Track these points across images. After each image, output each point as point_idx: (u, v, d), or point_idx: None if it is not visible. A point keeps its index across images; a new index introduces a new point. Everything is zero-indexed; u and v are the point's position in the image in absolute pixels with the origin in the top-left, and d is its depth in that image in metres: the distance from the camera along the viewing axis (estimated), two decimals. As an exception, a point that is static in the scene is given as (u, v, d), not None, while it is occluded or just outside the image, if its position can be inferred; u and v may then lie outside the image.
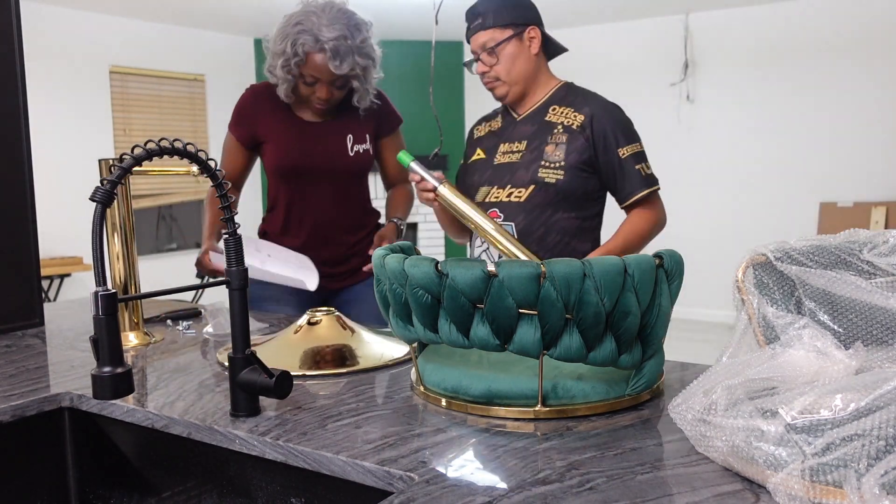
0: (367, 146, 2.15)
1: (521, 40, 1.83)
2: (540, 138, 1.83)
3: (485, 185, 1.89)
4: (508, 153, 1.87)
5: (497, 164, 1.88)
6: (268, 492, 1.01)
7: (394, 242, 1.45)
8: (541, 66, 1.88)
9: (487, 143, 1.95)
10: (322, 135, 2.11)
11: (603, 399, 1.03)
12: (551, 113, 1.85)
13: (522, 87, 1.86)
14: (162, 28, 6.17)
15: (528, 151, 1.83)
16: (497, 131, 1.95)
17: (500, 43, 1.80)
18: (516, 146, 1.87)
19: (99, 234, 0.88)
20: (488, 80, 1.86)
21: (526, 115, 1.89)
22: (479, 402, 1.05)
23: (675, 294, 1.03)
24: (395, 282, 1.04)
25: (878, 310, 0.90)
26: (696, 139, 6.47)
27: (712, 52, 6.37)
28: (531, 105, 1.90)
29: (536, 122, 1.86)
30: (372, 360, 1.32)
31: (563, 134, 1.81)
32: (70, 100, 5.63)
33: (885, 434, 0.69)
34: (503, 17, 1.81)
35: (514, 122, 1.90)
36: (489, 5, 1.82)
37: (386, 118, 2.20)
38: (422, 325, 1.04)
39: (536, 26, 1.84)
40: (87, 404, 1.19)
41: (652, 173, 1.85)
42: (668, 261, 1.01)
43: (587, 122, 1.80)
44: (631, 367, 1.02)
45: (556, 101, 1.87)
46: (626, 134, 1.82)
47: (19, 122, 1.73)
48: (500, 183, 1.85)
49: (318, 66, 1.96)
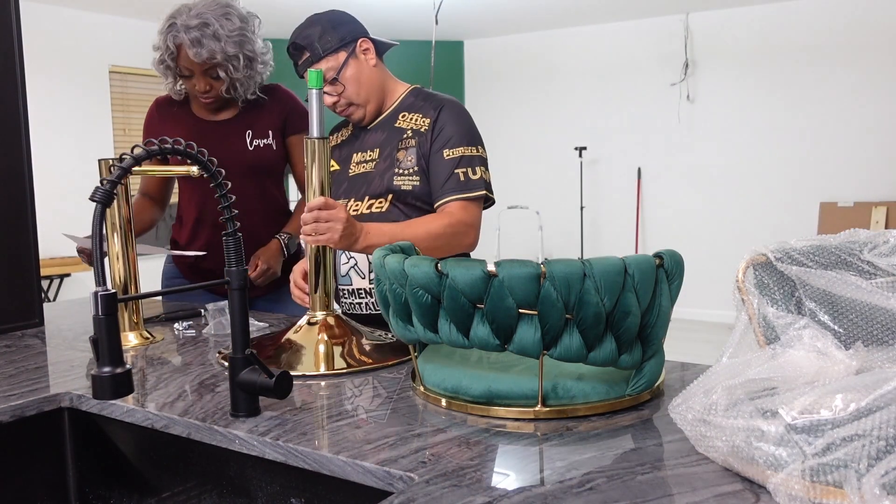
0: (269, 141, 2.11)
1: (356, 58, 1.73)
2: (392, 144, 1.74)
3: (342, 197, 1.78)
4: (362, 163, 1.78)
5: (352, 176, 1.78)
6: (268, 492, 1.01)
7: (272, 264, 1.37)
8: (384, 74, 1.80)
9: (341, 153, 1.85)
10: (223, 134, 2.10)
11: (603, 399, 1.03)
12: (401, 119, 1.77)
13: (375, 104, 1.77)
14: (162, 28, 6.17)
15: (381, 160, 1.75)
16: (348, 140, 1.86)
17: (339, 70, 1.71)
18: (369, 155, 1.77)
19: (99, 234, 0.88)
20: (341, 109, 1.76)
21: (377, 123, 1.80)
22: (480, 402, 1.05)
23: (676, 294, 1.03)
24: (395, 282, 1.04)
25: (878, 310, 0.90)
26: (696, 139, 6.47)
27: (712, 52, 6.37)
28: (381, 113, 1.81)
29: (387, 129, 1.77)
30: (372, 360, 1.32)
31: (412, 139, 1.72)
32: (70, 100, 5.64)
33: (885, 434, 0.69)
34: (330, 44, 1.70)
35: (365, 130, 1.81)
36: (311, 36, 1.71)
37: (294, 115, 2.15)
38: (422, 325, 1.04)
39: (364, 37, 1.75)
40: (87, 404, 1.19)
41: (478, 179, 1.68)
42: (669, 261, 1.01)
43: (432, 123, 1.72)
44: (631, 367, 1.02)
45: (405, 108, 1.78)
46: (462, 135, 1.70)
47: (19, 122, 1.73)
48: (358, 195, 1.75)
49: (185, 56, 1.96)
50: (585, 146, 6.76)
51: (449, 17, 6.20)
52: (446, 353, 1.18)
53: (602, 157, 6.90)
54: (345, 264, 1.74)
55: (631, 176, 6.79)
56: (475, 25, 6.65)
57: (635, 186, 6.77)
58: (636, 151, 6.74)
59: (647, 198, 6.72)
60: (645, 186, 6.75)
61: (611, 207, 6.90)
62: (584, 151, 6.77)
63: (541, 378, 1.01)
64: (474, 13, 6.25)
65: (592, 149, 6.85)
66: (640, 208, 6.73)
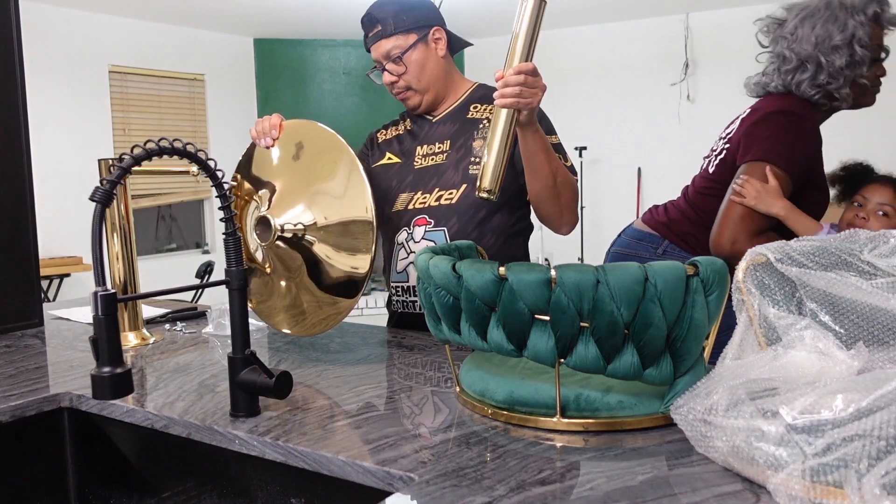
0: None
1: (426, 44, 1.69)
2: (465, 135, 1.70)
3: (405, 191, 1.72)
4: (430, 155, 1.72)
5: (419, 169, 1.72)
6: (268, 492, 1.01)
7: None
8: (450, 68, 1.76)
9: (401, 147, 1.79)
10: None
11: (631, 414, 0.96)
12: (473, 111, 1.73)
13: (434, 94, 1.73)
14: (162, 28, 6.16)
15: (454, 150, 1.70)
16: (408, 134, 1.79)
17: (405, 51, 1.67)
18: (438, 147, 1.72)
19: (98, 234, 0.88)
20: (398, 91, 1.73)
21: (444, 116, 1.75)
22: (502, 407, 1.02)
23: (716, 307, 0.93)
24: (426, 282, 1.04)
25: (879, 311, 0.90)
26: (697, 139, 6.47)
27: (712, 52, 6.37)
28: (448, 106, 1.76)
29: (458, 121, 1.73)
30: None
31: (488, 128, 1.65)
32: (70, 100, 5.63)
33: (885, 434, 0.69)
34: (405, 23, 1.67)
35: (430, 124, 1.76)
36: (387, 11, 1.68)
37: None
38: (446, 325, 1.03)
39: (440, 26, 1.72)
40: (87, 404, 1.18)
41: (570, 166, 1.66)
42: (705, 270, 0.91)
43: None
44: (660, 382, 0.94)
45: (476, 100, 1.74)
46: (546, 124, 1.66)
47: (19, 121, 1.73)
48: (427, 187, 1.70)
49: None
50: (585, 146, 6.76)
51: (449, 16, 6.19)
52: (488, 356, 1.15)
53: (602, 157, 6.90)
54: (403, 260, 1.70)
55: (631, 176, 6.79)
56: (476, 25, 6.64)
57: (635, 186, 6.77)
58: (636, 151, 6.74)
59: (648, 198, 6.72)
60: (645, 186, 6.74)
61: (611, 207, 6.90)
62: (585, 151, 6.76)
63: (557, 388, 0.97)
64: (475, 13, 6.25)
65: (592, 149, 6.85)
66: (641, 208, 6.73)
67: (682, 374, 0.94)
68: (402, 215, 1.71)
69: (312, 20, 6.25)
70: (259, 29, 6.58)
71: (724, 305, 0.97)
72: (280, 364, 1.36)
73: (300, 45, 6.94)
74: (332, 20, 6.22)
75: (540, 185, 1.57)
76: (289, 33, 6.76)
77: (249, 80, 6.87)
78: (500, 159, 1.42)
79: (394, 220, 1.72)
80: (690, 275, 0.90)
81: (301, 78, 6.97)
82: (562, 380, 0.98)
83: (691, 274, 0.90)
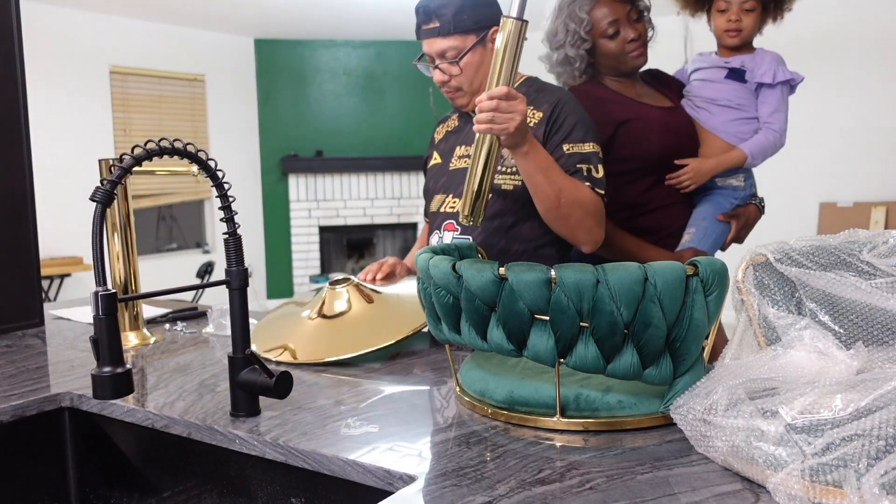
0: None
1: (483, 46, 1.60)
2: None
3: (440, 192, 1.69)
4: (464, 157, 1.66)
5: (452, 170, 1.67)
6: (268, 492, 1.01)
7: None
8: None
9: (444, 145, 1.76)
10: None
11: (630, 414, 0.97)
12: None
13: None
14: (162, 28, 6.17)
15: None
16: (453, 132, 1.75)
17: (463, 54, 1.58)
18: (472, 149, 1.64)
19: (99, 234, 0.88)
20: (448, 91, 1.65)
21: None
22: (502, 407, 1.02)
23: (716, 307, 0.93)
24: (426, 281, 1.04)
25: (878, 310, 0.90)
26: (697, 139, 6.46)
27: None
28: None
29: None
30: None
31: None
32: (70, 100, 5.63)
33: (885, 434, 0.69)
34: (464, 23, 1.56)
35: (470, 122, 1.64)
36: (447, 6, 1.56)
37: None
38: (446, 325, 1.03)
39: (498, 25, 1.56)
40: (88, 404, 1.19)
41: (600, 178, 1.56)
42: (705, 270, 0.91)
43: (545, 117, 1.58)
44: (660, 382, 0.94)
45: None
46: (584, 130, 1.58)
47: (19, 122, 1.73)
48: (456, 191, 1.63)
49: None
50: (585, 146, 6.75)
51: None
52: (487, 355, 1.15)
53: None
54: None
55: (631, 176, 6.78)
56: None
57: (635, 186, 6.76)
58: (636, 151, 6.73)
59: (647, 198, 6.71)
60: (645, 186, 6.74)
61: (611, 207, 6.90)
62: (584, 151, 6.76)
63: (557, 389, 0.97)
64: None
65: (592, 149, 6.85)
66: (640, 208, 6.72)
67: (682, 373, 0.94)
68: (436, 217, 1.69)
69: (312, 20, 6.25)
70: (259, 29, 6.59)
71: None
72: (280, 364, 1.36)
73: (300, 46, 6.94)
74: (332, 20, 6.22)
75: (542, 206, 1.50)
76: (289, 34, 6.76)
77: (250, 81, 6.87)
78: (481, 185, 1.39)
79: (431, 220, 1.73)
80: (690, 275, 0.90)
81: (301, 78, 6.97)
82: (562, 379, 0.98)
83: (691, 274, 0.90)
